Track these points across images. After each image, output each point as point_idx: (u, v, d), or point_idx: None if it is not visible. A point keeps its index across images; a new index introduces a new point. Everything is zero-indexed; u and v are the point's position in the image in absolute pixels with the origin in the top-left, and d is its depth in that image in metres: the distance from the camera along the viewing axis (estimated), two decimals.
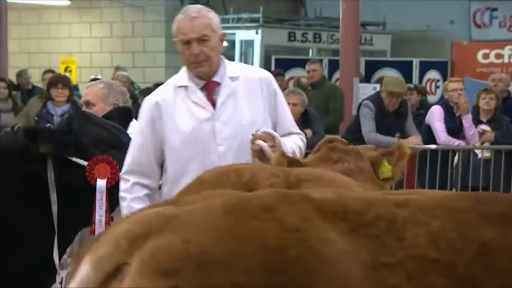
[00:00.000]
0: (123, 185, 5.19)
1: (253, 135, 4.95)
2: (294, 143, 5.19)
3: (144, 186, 5.14)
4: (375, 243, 2.66)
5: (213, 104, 5.21)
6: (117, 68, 17.86)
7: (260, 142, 4.89)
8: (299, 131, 5.41)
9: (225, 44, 5.47)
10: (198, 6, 5.49)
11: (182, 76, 5.30)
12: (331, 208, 2.73)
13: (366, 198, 2.86)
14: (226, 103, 5.20)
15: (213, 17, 5.39)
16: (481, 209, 2.79)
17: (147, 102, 5.37)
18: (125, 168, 5.27)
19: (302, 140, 5.32)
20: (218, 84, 5.23)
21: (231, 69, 5.31)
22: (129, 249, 2.65)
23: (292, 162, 4.54)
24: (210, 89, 5.24)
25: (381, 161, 4.70)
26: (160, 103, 5.27)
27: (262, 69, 5.68)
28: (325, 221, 2.67)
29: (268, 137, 4.93)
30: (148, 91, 16.32)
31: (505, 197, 3.09)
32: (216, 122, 5.17)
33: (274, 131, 5.11)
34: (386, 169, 4.68)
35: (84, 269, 2.69)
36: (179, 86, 5.27)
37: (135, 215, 2.87)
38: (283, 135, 5.15)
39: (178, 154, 5.15)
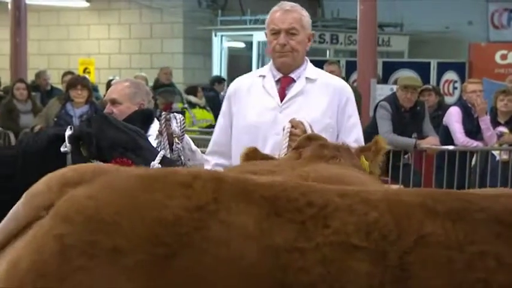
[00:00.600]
0: (205, 166, 5.53)
1: (290, 121, 5.01)
2: None
3: (224, 167, 5.33)
4: (297, 228, 2.66)
5: (282, 98, 5.36)
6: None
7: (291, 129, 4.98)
8: (362, 142, 5.34)
9: (309, 44, 5.47)
10: (293, 3, 5.55)
11: (266, 67, 5.53)
12: (260, 193, 2.73)
13: (308, 186, 2.88)
14: (294, 99, 5.34)
15: (305, 15, 5.48)
16: (430, 204, 2.80)
17: (230, 87, 5.79)
18: (208, 148, 5.72)
19: None
20: (293, 80, 5.39)
21: (310, 72, 5.42)
22: (59, 192, 2.73)
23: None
24: (284, 83, 5.40)
25: (359, 157, 4.68)
26: (238, 88, 5.58)
27: (341, 79, 5.74)
28: (242, 204, 2.68)
29: (299, 124, 4.98)
30: (165, 91, 16.50)
31: (460, 194, 3.10)
32: (279, 113, 5.31)
33: (337, 138, 5.21)
34: (364, 165, 4.65)
35: (17, 203, 2.79)
36: (259, 75, 5.49)
37: (80, 165, 3.00)
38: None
39: (240, 137, 5.34)
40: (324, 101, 5.31)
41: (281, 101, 5.33)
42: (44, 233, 2.62)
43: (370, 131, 11.96)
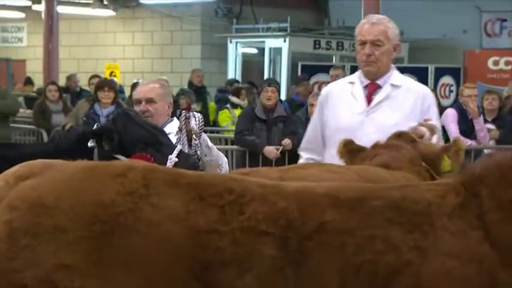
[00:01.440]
0: (299, 160, 5.70)
1: (420, 123, 5.09)
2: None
3: (315, 162, 5.47)
4: (217, 212, 2.74)
5: (369, 103, 5.36)
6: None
7: (422, 129, 5.04)
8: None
9: (395, 54, 5.45)
10: (381, 16, 5.58)
11: (355, 74, 5.54)
12: (187, 180, 2.82)
13: (231, 177, 3.05)
14: (379, 104, 5.33)
15: (391, 27, 5.40)
16: (335, 194, 2.87)
17: (323, 91, 5.91)
18: (301, 145, 5.86)
19: None
20: (379, 87, 5.37)
21: (395, 79, 5.40)
22: (14, 185, 2.84)
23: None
24: (371, 88, 5.38)
25: (442, 156, 4.78)
26: (329, 93, 5.61)
27: (424, 86, 5.71)
28: (171, 190, 2.76)
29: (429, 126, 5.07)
30: (183, 93, 16.48)
31: (364, 187, 3.26)
32: (366, 117, 5.32)
33: None
34: (446, 163, 4.76)
35: None
36: (349, 82, 5.52)
37: (32, 161, 3.15)
38: None
39: (332, 139, 5.32)
40: (407, 105, 5.30)
41: (367, 105, 5.34)
42: None
43: None
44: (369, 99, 5.36)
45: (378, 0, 15.41)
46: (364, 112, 5.34)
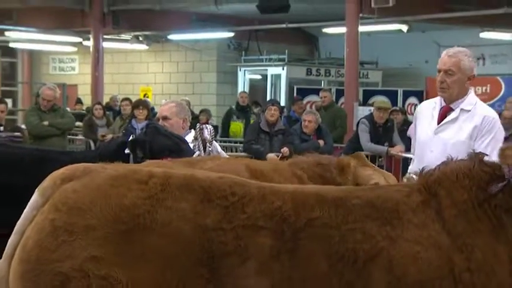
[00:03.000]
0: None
1: (409, 173, 5.03)
2: None
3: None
4: (222, 211, 2.74)
5: (440, 122, 5.19)
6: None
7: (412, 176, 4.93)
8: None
9: (468, 83, 5.14)
10: (461, 48, 5.25)
11: (439, 97, 5.29)
12: (200, 184, 2.80)
13: (233, 180, 2.94)
14: (447, 124, 5.15)
15: (464, 59, 5.13)
16: (322, 194, 2.89)
17: (418, 107, 5.75)
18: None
19: None
20: (452, 109, 5.15)
21: (468, 103, 5.15)
22: (60, 186, 2.79)
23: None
24: (445, 110, 5.19)
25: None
26: (420, 110, 5.49)
27: (492, 111, 5.32)
28: (183, 194, 2.75)
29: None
30: (202, 111, 16.50)
31: (346, 188, 3.30)
32: (435, 134, 5.16)
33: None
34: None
35: (34, 196, 2.83)
36: (434, 102, 5.32)
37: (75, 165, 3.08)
38: None
39: (417, 150, 5.34)
40: (469, 127, 5.08)
41: (437, 125, 5.18)
42: (43, 218, 2.72)
43: (353, 140, 12.05)
44: (440, 120, 5.19)
45: (357, 37, 15.34)
46: (434, 130, 5.18)
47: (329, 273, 2.70)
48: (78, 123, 17.16)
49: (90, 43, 19.89)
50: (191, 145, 5.73)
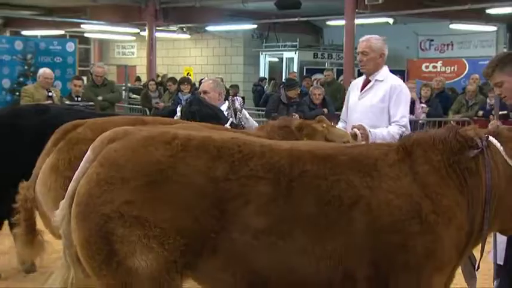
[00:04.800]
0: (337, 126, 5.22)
1: (353, 126, 4.88)
2: (386, 132, 4.95)
3: (344, 126, 5.22)
4: (230, 165, 2.63)
5: (361, 91, 5.17)
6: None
7: (355, 130, 4.80)
8: (403, 122, 5.04)
9: (380, 59, 5.12)
10: (370, 35, 5.23)
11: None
12: (214, 144, 2.71)
13: (243, 140, 2.82)
14: (366, 92, 5.12)
15: (374, 42, 5.15)
16: (315, 152, 2.77)
17: (352, 82, 5.61)
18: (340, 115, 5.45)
19: (398, 130, 5.00)
20: (370, 81, 5.12)
21: (381, 76, 5.12)
22: (106, 145, 2.74)
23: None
24: (365, 82, 5.18)
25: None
26: (352, 84, 5.45)
27: (399, 80, 5.31)
28: (199, 152, 2.66)
29: (361, 127, 4.82)
30: (231, 86, 16.47)
31: (334, 146, 3.13)
32: (359, 100, 5.14)
33: (388, 116, 5.02)
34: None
35: (88, 152, 2.78)
36: (362, 78, 5.26)
37: (118, 128, 2.98)
38: (393, 122, 5.02)
39: (348, 113, 5.24)
40: (381, 93, 5.05)
41: (360, 93, 5.18)
42: (91, 171, 2.68)
43: None
44: (362, 89, 5.18)
45: (353, 28, 15.20)
46: (358, 96, 5.17)
47: (317, 214, 2.60)
48: (136, 96, 17.22)
49: (145, 33, 19.88)
50: (225, 113, 5.69)
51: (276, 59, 22.03)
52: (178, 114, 5.38)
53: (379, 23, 17.94)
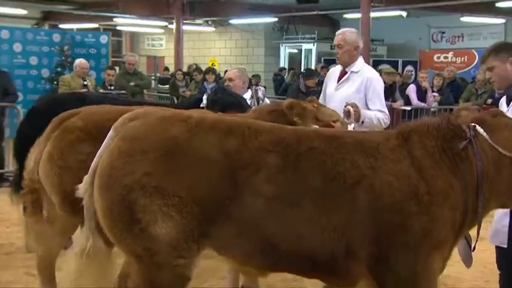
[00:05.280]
0: None
1: (346, 102, 4.80)
2: (374, 114, 4.88)
3: None
4: (240, 139, 2.66)
5: (338, 81, 5.10)
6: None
7: (349, 107, 4.74)
8: (385, 111, 4.98)
9: (355, 52, 5.00)
10: (345, 29, 5.20)
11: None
12: (225, 123, 2.74)
13: (252, 121, 2.87)
14: (343, 83, 5.06)
15: (349, 35, 5.05)
16: (321, 132, 2.85)
17: (328, 72, 5.51)
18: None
19: (384, 116, 4.92)
20: (346, 72, 5.07)
21: (357, 67, 5.04)
22: (127, 123, 2.76)
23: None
24: (342, 73, 5.11)
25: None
26: (328, 74, 5.36)
27: (374, 71, 5.21)
28: (212, 130, 2.68)
29: (354, 105, 4.76)
30: (253, 76, 16.42)
31: (341, 130, 3.24)
32: (335, 90, 5.08)
33: (367, 107, 4.93)
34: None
35: (110, 131, 2.79)
36: (338, 69, 5.18)
37: (138, 109, 2.98)
38: (373, 110, 4.92)
39: (326, 103, 5.10)
40: (357, 84, 4.98)
41: (337, 83, 5.11)
42: (113, 146, 2.69)
43: None
44: (339, 80, 5.10)
45: (368, 21, 15.03)
46: (335, 87, 5.11)
47: (323, 188, 2.60)
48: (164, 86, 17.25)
49: (173, 26, 19.81)
50: (248, 102, 5.66)
51: (295, 50, 21.91)
52: (204, 102, 5.37)
53: (393, 16, 17.75)
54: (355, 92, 4.97)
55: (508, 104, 3.54)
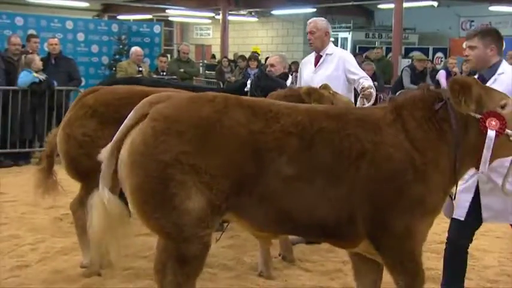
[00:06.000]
0: None
1: (364, 87, 4.78)
2: (368, 84, 4.90)
3: None
4: (264, 121, 2.65)
5: (316, 65, 5.21)
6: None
7: (370, 90, 4.70)
8: (367, 77, 5.09)
9: (326, 38, 5.18)
10: (316, 18, 5.38)
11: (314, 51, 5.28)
12: (247, 103, 2.71)
13: (270, 101, 2.88)
14: (320, 66, 5.18)
15: (319, 22, 5.21)
16: (327, 111, 2.83)
17: (302, 60, 5.55)
18: None
19: (371, 81, 5.06)
20: (321, 56, 5.17)
21: (330, 50, 5.21)
22: (150, 107, 2.67)
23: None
24: (317, 58, 5.21)
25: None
26: (303, 62, 5.45)
27: (345, 51, 5.43)
28: (239, 109, 2.65)
29: (370, 87, 4.78)
30: (292, 62, 16.25)
31: (343, 108, 3.16)
32: (314, 74, 5.13)
33: (348, 81, 5.04)
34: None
35: (131, 113, 2.71)
36: (312, 55, 5.29)
37: (159, 93, 2.86)
38: (361, 78, 5.02)
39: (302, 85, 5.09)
40: (334, 64, 5.12)
41: (315, 67, 5.20)
42: (145, 125, 2.62)
43: (398, 82, 11.62)
44: (316, 64, 5.19)
45: (401, 11, 14.68)
46: (313, 71, 5.17)
47: (332, 163, 2.66)
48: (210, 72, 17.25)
49: (219, 17, 19.85)
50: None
51: (332, 39, 21.47)
52: (248, 86, 5.30)
53: (425, 5, 17.33)
54: (334, 70, 5.08)
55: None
